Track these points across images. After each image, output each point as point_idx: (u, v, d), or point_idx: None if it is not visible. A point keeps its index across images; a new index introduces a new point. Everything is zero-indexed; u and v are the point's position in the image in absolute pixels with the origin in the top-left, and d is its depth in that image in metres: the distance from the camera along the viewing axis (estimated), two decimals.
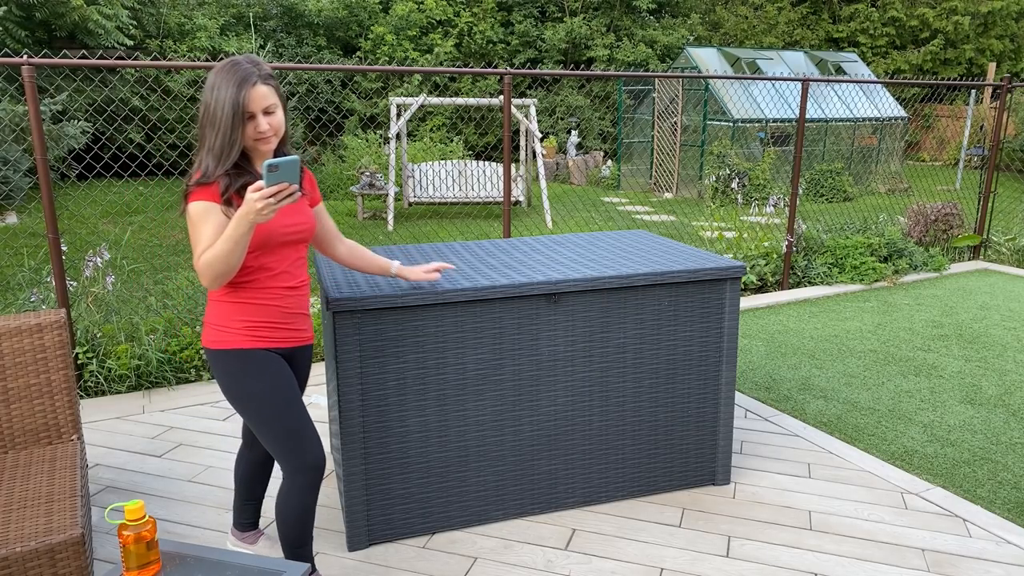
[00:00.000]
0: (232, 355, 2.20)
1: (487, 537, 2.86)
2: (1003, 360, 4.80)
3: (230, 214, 2.09)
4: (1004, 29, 20.64)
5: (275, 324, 2.25)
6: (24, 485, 2.39)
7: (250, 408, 2.22)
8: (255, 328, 2.21)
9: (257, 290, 2.20)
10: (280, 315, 2.25)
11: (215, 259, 2.02)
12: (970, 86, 9.66)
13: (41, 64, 3.74)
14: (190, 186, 2.09)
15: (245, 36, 15.02)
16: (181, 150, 14.00)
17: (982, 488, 3.27)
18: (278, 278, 2.23)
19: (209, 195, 2.08)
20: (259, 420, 2.23)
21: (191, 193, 2.09)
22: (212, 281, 2.06)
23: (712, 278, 3.02)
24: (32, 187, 11.65)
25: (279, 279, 2.23)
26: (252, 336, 2.21)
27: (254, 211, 1.95)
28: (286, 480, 2.29)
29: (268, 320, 2.23)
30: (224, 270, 2.03)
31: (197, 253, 2.08)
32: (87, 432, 3.72)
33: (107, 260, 6.04)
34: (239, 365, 2.20)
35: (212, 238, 2.08)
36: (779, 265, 6.52)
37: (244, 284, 2.19)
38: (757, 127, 12.80)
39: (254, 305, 2.21)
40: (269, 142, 2.15)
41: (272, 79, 2.12)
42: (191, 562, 1.90)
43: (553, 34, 16.91)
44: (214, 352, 2.22)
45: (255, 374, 2.20)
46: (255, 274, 2.19)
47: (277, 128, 2.14)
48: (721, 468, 3.23)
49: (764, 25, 20.48)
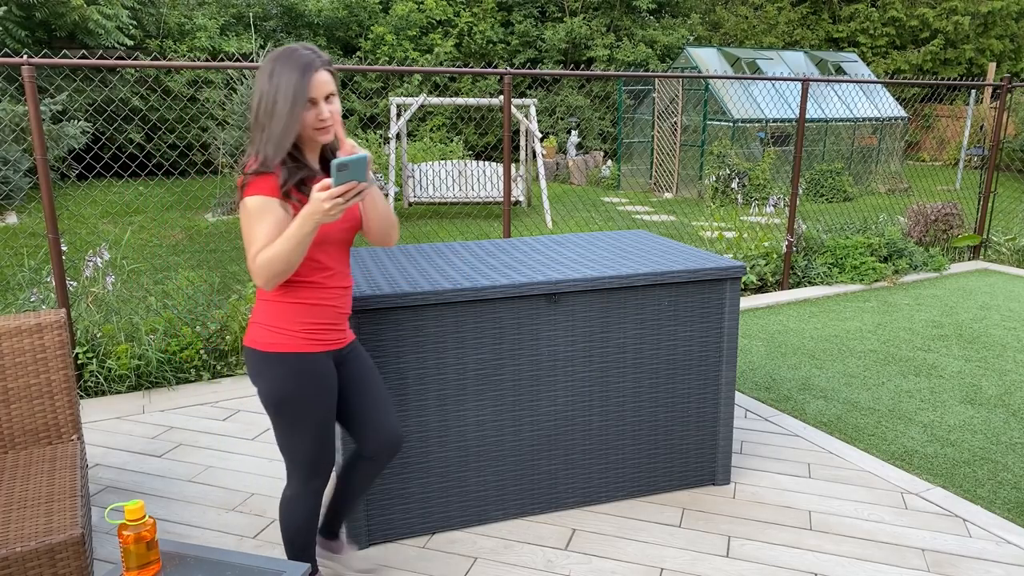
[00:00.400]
0: (287, 359, 2.09)
1: (487, 537, 2.86)
2: (1003, 360, 4.80)
3: (287, 208, 2.02)
4: (1004, 29, 20.64)
5: (331, 325, 2.17)
6: (24, 485, 2.39)
7: (289, 415, 2.13)
8: (314, 331, 2.12)
9: (315, 290, 2.12)
10: (335, 316, 2.18)
11: (275, 258, 1.95)
12: (970, 86, 9.66)
13: (41, 64, 3.74)
14: (247, 176, 2.00)
15: (245, 36, 15.02)
16: (181, 150, 14.00)
17: (982, 488, 3.27)
18: (334, 278, 2.16)
19: (267, 188, 1.99)
20: (293, 430, 2.15)
21: (248, 185, 2.00)
22: (268, 281, 1.98)
23: (712, 278, 3.01)
24: (32, 187, 11.65)
25: (335, 279, 2.16)
26: (311, 339, 2.12)
27: (321, 211, 1.88)
28: (297, 489, 2.25)
29: (326, 322, 2.15)
30: (283, 269, 1.96)
31: (252, 252, 1.99)
32: (87, 432, 3.72)
33: (107, 260, 6.04)
34: (293, 369, 2.10)
35: (269, 236, 1.99)
36: (779, 265, 6.52)
37: (302, 284, 2.10)
38: (757, 127, 12.80)
39: (312, 306, 2.12)
40: (328, 132, 2.06)
41: (332, 67, 2.05)
42: (191, 562, 1.90)
43: (553, 34, 16.91)
44: (265, 355, 2.09)
45: (307, 383, 2.12)
46: (313, 274, 2.10)
47: (337, 117, 2.06)
48: (721, 468, 3.23)
49: (764, 25, 20.48)
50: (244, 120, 11.62)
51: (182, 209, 10.92)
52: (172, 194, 12.16)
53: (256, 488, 3.20)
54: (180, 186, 13.05)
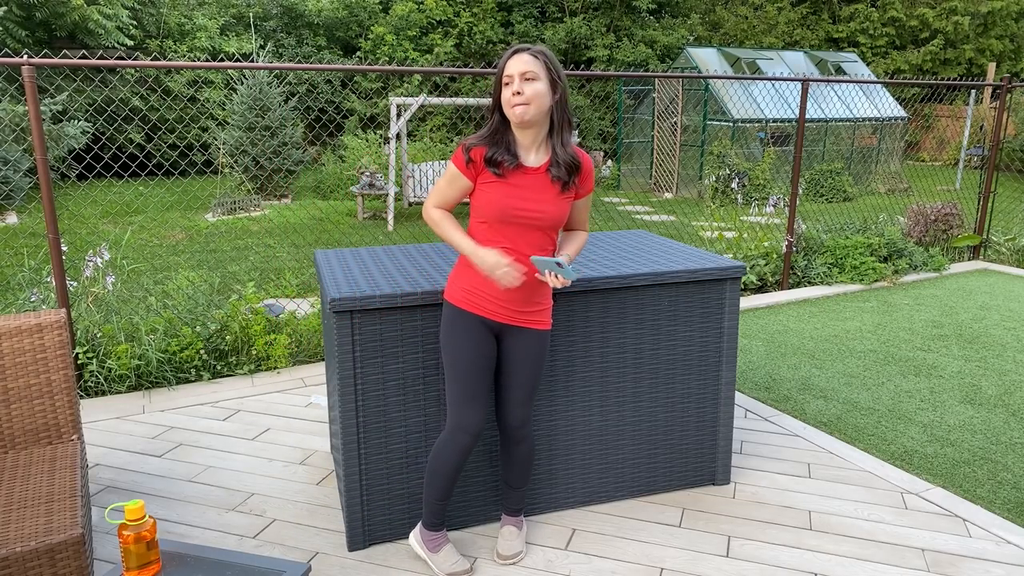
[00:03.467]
0: (448, 308, 2.48)
1: (487, 537, 2.86)
2: (1003, 360, 4.80)
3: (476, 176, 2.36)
4: (1004, 29, 20.65)
5: (487, 295, 2.42)
6: (24, 485, 2.39)
7: (446, 358, 2.48)
8: (469, 293, 2.43)
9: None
10: (494, 288, 2.42)
11: (435, 227, 2.40)
12: (970, 86, 9.66)
13: (41, 64, 3.74)
14: (465, 140, 2.37)
15: (245, 36, 15.02)
16: (181, 150, 14.00)
17: (982, 488, 3.27)
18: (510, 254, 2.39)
19: (461, 161, 2.35)
20: (448, 374, 2.48)
21: (461, 146, 2.36)
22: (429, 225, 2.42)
23: (712, 278, 3.02)
24: (32, 187, 11.65)
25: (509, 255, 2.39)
26: (466, 299, 2.44)
27: (491, 272, 2.29)
28: (447, 435, 2.51)
29: (481, 290, 2.42)
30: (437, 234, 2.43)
31: (431, 199, 2.43)
32: (87, 432, 3.72)
33: (107, 260, 6.04)
34: (450, 319, 2.46)
35: (444, 194, 2.40)
36: (779, 265, 6.52)
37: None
38: (757, 127, 12.80)
39: (473, 272, 2.43)
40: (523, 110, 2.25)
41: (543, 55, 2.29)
42: (191, 562, 1.90)
43: (553, 34, 16.91)
44: (443, 300, 2.52)
45: (458, 333, 2.44)
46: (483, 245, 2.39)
47: (531, 97, 2.25)
48: (721, 468, 3.23)
49: (764, 25, 20.48)
50: (244, 120, 11.63)
51: (182, 209, 10.92)
52: (172, 194, 12.16)
53: (256, 488, 3.21)
54: (180, 186, 13.05)
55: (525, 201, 2.34)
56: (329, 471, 3.36)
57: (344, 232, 9.30)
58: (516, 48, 2.29)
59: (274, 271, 7.21)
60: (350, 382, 2.63)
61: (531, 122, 2.28)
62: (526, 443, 2.65)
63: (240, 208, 10.62)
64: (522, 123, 2.28)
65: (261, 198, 11.06)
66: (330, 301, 2.54)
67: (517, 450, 2.65)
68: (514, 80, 2.24)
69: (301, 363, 4.65)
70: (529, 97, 2.23)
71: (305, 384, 4.35)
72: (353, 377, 2.62)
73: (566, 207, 2.40)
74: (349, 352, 2.60)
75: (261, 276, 6.98)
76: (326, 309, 3.05)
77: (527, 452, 2.67)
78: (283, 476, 3.31)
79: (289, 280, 5.76)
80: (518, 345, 2.50)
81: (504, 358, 2.53)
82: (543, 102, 2.26)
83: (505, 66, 2.27)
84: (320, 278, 2.90)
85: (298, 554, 2.76)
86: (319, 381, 4.39)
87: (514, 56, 2.26)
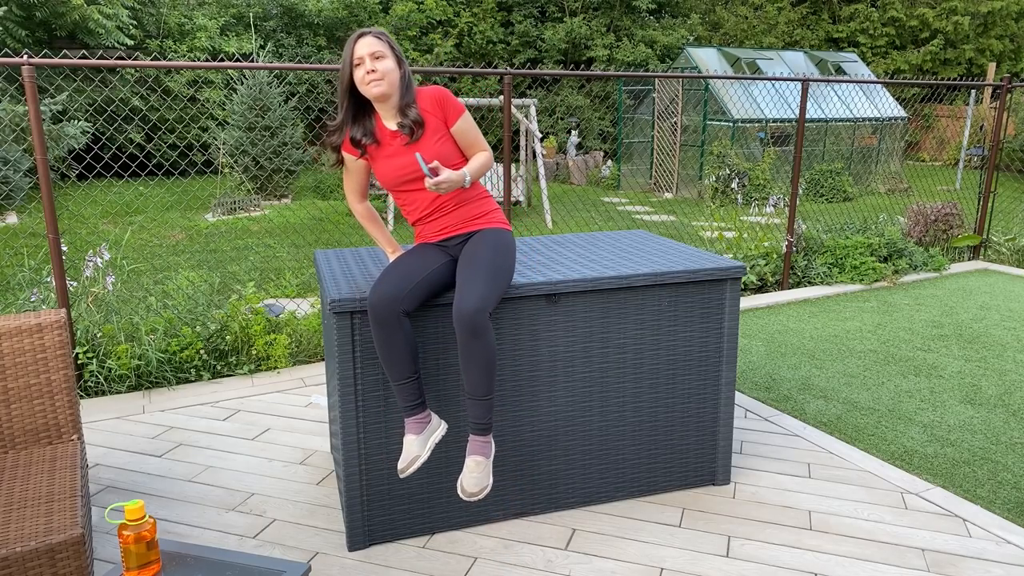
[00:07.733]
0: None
1: (487, 537, 2.87)
2: (1003, 360, 4.80)
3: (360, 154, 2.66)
4: (1004, 29, 20.65)
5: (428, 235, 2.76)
6: (24, 485, 2.39)
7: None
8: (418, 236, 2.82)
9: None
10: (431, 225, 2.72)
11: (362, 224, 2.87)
12: (970, 86, 9.66)
13: (41, 64, 3.74)
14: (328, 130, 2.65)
15: (245, 36, 15.01)
16: (181, 150, 14.00)
17: (982, 488, 3.27)
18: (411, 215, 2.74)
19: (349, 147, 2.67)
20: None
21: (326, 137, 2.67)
22: None
23: (712, 278, 3.02)
24: (32, 187, 11.65)
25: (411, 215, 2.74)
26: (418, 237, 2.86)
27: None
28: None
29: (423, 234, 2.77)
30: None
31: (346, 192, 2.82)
32: (87, 432, 3.72)
33: (107, 260, 6.04)
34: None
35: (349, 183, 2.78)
36: (779, 265, 6.52)
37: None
38: (757, 127, 12.80)
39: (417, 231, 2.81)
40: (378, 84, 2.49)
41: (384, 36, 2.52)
42: (191, 562, 1.90)
43: (553, 34, 16.90)
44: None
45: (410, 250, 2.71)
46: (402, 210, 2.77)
47: (384, 72, 2.49)
48: (721, 468, 3.23)
49: (764, 25, 20.47)
50: (244, 120, 11.63)
51: (182, 209, 10.92)
52: (172, 194, 12.15)
53: (256, 488, 3.21)
54: (180, 186, 13.05)
55: (403, 167, 2.59)
56: (329, 471, 3.36)
57: (344, 232, 9.30)
58: (359, 32, 2.51)
59: (274, 271, 7.21)
60: (350, 382, 2.63)
61: (387, 94, 2.53)
62: (484, 338, 2.46)
63: (240, 208, 10.62)
64: (380, 96, 2.52)
65: (261, 198, 11.06)
66: (330, 302, 2.54)
67: (475, 344, 2.45)
68: (365, 60, 2.48)
69: (301, 363, 4.65)
70: (383, 72, 2.49)
71: (305, 384, 4.35)
72: (353, 377, 2.62)
73: (443, 148, 2.60)
74: (349, 352, 2.60)
75: (261, 276, 6.98)
76: (326, 310, 3.05)
77: (485, 349, 2.48)
78: (283, 476, 3.31)
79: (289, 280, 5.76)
80: (469, 241, 2.69)
81: (459, 259, 2.67)
82: (393, 76, 2.52)
83: (353, 50, 2.49)
84: (320, 278, 2.90)
85: (298, 554, 2.76)
86: (319, 381, 4.39)
87: (359, 40, 2.50)
